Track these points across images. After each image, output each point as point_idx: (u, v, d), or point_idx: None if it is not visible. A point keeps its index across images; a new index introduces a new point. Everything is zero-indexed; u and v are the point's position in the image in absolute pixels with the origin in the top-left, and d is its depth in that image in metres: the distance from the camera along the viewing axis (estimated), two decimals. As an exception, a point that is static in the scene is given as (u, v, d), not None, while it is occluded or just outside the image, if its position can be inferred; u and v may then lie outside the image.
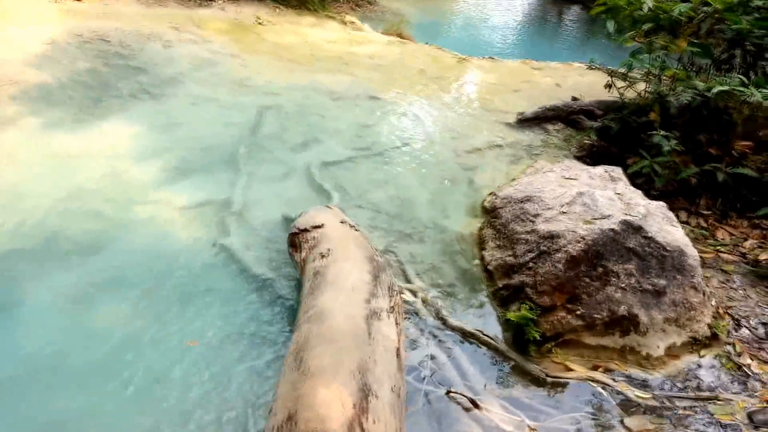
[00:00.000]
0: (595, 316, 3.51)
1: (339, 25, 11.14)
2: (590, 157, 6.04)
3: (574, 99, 7.29)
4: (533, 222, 4.20)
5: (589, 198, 4.22)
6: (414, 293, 4.13)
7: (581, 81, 8.42)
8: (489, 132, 6.90)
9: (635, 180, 4.98)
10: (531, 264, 3.92)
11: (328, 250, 3.38)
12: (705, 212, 5.11)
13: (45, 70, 7.90)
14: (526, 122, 7.01)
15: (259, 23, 10.56)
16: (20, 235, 4.83)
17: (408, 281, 4.37)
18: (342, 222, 3.94)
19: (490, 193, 5.36)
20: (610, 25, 6.09)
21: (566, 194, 4.34)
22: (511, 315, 3.71)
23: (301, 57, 9.11)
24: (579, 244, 3.62)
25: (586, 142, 6.23)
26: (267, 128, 6.83)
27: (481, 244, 4.67)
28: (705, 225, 4.95)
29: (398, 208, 5.42)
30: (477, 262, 4.61)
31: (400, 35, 10.89)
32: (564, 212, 4.12)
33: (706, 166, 4.99)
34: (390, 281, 3.45)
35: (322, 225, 3.79)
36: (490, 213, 4.86)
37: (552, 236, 3.82)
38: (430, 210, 5.40)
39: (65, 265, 4.54)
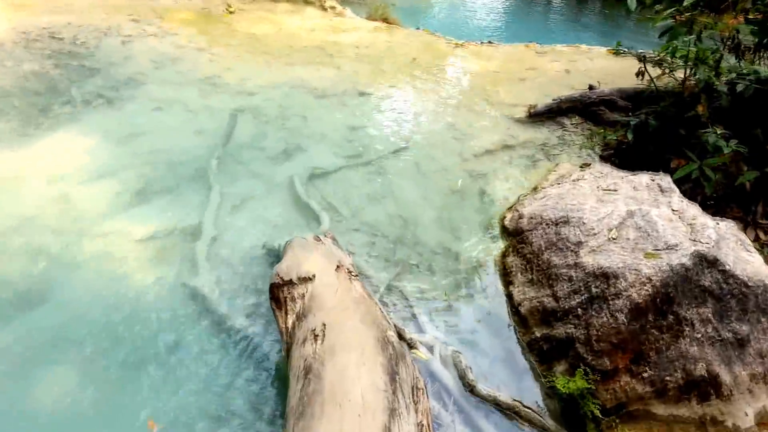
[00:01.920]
0: (667, 378, 2.75)
1: (318, 11, 10.20)
2: (619, 156, 5.25)
3: (591, 88, 6.48)
4: (576, 253, 3.40)
5: (643, 219, 3.42)
6: (430, 348, 3.31)
7: (592, 66, 7.61)
8: (497, 129, 6.07)
9: (681, 186, 4.18)
10: (580, 311, 3.13)
11: (323, 327, 2.54)
12: (762, 222, 4.34)
13: (-16, 74, 6.92)
14: (538, 116, 6.20)
15: (230, 11, 9.59)
16: (-60, 287, 3.97)
17: (420, 329, 3.56)
18: (338, 268, 3.10)
19: (510, 208, 4.55)
20: (632, 2, 5.23)
21: (612, 214, 3.54)
22: (560, 383, 2.92)
23: (278, 49, 8.19)
24: (645, 288, 2.84)
25: (612, 138, 5.41)
26: (242, 135, 5.95)
27: (506, 276, 3.87)
28: (765, 238, 4.18)
29: (400, 229, 4.60)
30: (503, 299, 3.80)
31: (386, 20, 10.00)
32: (614, 239, 3.32)
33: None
34: (413, 377, 2.60)
35: (313, 277, 2.96)
36: (515, 235, 4.06)
37: (606, 275, 3.03)
38: (437, 231, 4.58)
39: (-4, 324, 3.69)
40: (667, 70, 5.15)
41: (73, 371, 3.56)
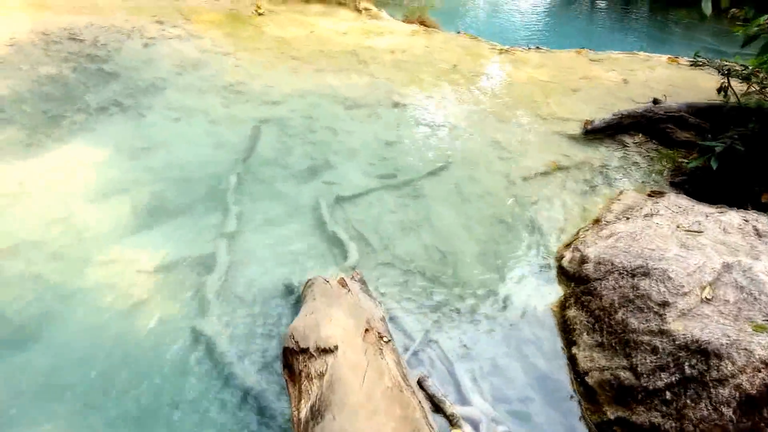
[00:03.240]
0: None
1: (352, 13, 9.72)
2: (694, 184, 4.59)
3: (656, 102, 5.81)
4: (661, 316, 2.79)
5: (744, 276, 2.80)
6: (475, 426, 2.74)
7: (653, 76, 6.91)
8: (548, 147, 5.46)
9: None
10: (669, 396, 2.52)
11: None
12: None
13: (0, 77, 6.62)
14: (595, 133, 5.57)
15: (259, 13, 9.19)
16: None
17: (463, 398, 2.99)
18: (366, 331, 2.56)
19: (569, 246, 3.96)
20: (707, 6, 4.56)
21: (704, 266, 2.93)
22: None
23: (308, 53, 7.72)
24: (759, 375, 2.21)
25: (688, 164, 4.74)
26: (264, 149, 5.48)
27: (566, 332, 3.27)
28: None
29: (437, 265, 4.04)
30: (563, 362, 3.20)
31: (423, 23, 9.46)
32: (708, 299, 2.71)
33: None
34: None
35: (335, 348, 2.42)
36: (577, 282, 3.46)
37: (704, 352, 2.43)
38: (481, 268, 4.01)
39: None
40: (756, 86, 4.46)
41: (58, 428, 3.13)
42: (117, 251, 4.29)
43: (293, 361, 2.54)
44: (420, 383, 2.89)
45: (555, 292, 3.78)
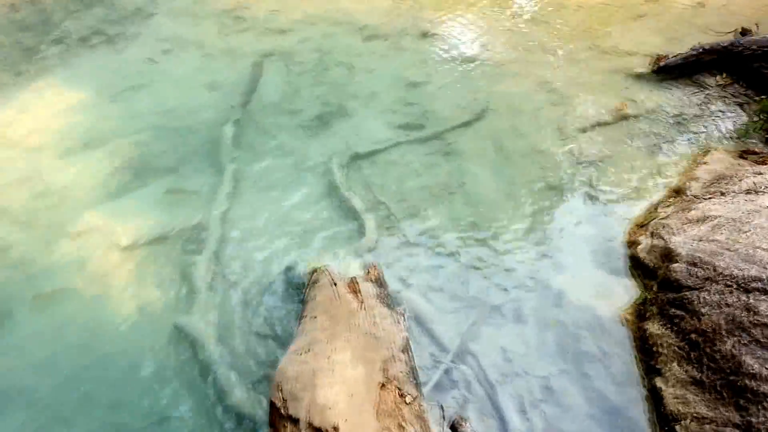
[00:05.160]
0: None
1: None
2: (798, 144, 3.68)
3: (745, 33, 4.79)
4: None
5: None
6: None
7: (735, 0, 5.75)
8: (610, 90, 4.57)
9: None
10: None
11: None
12: None
13: (-34, 2, 5.82)
14: (668, 72, 4.64)
15: None
16: None
17: (507, 436, 2.35)
18: (382, 387, 1.90)
19: (643, 226, 3.19)
20: None
21: None
22: None
23: (321, -30, 6.63)
24: None
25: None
26: (268, 91, 4.69)
27: (646, 353, 2.58)
28: None
29: (474, 245, 3.36)
30: (639, 392, 2.52)
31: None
32: None
33: None
34: None
35: (335, 430, 1.73)
36: (661, 283, 2.73)
37: None
38: (527, 250, 3.31)
39: None
40: None
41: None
42: (92, 219, 3.66)
43: (280, 427, 1.90)
44: (455, 429, 2.24)
45: (626, 290, 3.04)
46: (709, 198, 3.08)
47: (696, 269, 2.62)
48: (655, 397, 2.45)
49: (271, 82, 4.86)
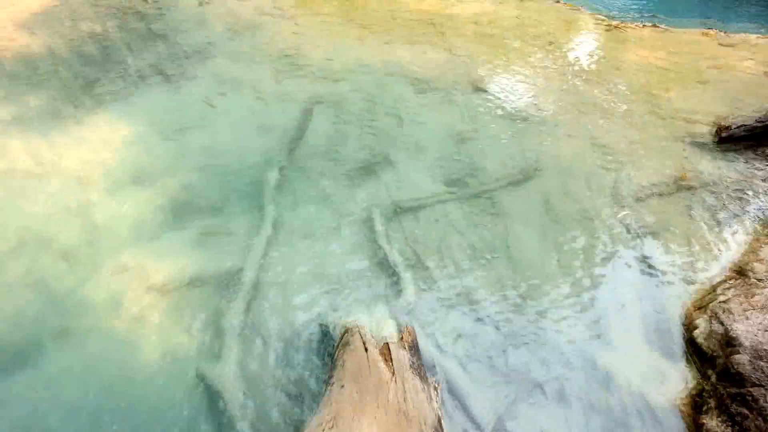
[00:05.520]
0: None
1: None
2: None
3: (816, 106, 4.54)
4: None
5: None
6: None
7: (806, 67, 5.53)
8: (669, 156, 4.39)
9: None
10: None
11: None
12: None
13: (39, 33, 6.19)
14: (731, 141, 4.40)
15: (328, -30, 8.23)
16: None
17: None
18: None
19: (703, 307, 2.97)
20: None
21: None
22: None
23: (377, 20, 6.80)
24: None
25: None
26: (315, 137, 4.70)
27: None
28: None
29: (515, 312, 3.21)
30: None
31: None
32: None
33: None
34: None
35: None
36: (721, 374, 2.48)
37: None
38: (573, 324, 3.15)
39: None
40: None
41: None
42: (131, 257, 3.67)
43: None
44: None
45: (682, 376, 2.80)
46: (780, 285, 2.84)
47: (762, 363, 2.38)
48: None
49: (320, 129, 4.87)
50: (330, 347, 2.99)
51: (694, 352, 2.84)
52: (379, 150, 4.64)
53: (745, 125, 4.49)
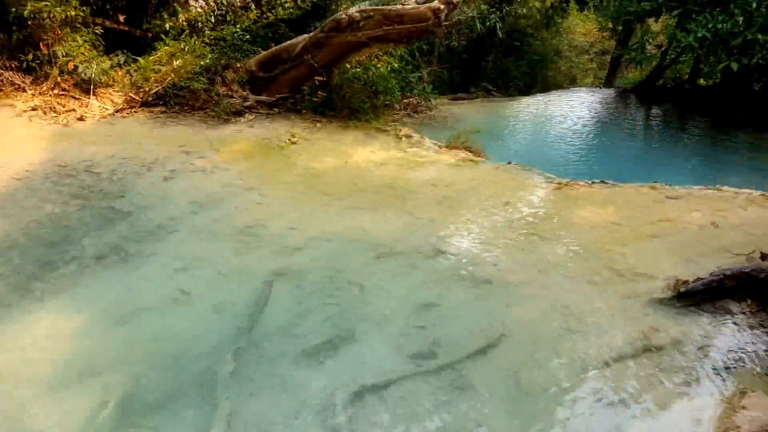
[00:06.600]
0: None
1: (392, 140, 9.26)
2: None
3: (764, 257, 4.69)
4: None
5: None
6: None
7: (748, 218, 5.89)
8: (631, 317, 4.43)
9: None
10: None
11: None
12: None
13: (-1, 216, 6.16)
14: (690, 297, 4.45)
15: (292, 142, 8.77)
16: None
17: None
18: None
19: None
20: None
21: None
22: None
23: (339, 188, 7.10)
24: None
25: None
26: (275, 314, 4.64)
27: None
28: None
29: None
30: None
31: (468, 149, 8.82)
32: None
33: None
34: None
35: None
36: None
37: None
38: None
39: None
40: None
41: None
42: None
43: None
44: None
45: None
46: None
47: None
48: None
49: (281, 303, 4.81)
50: None
51: None
52: (341, 324, 4.55)
53: (702, 281, 4.58)
